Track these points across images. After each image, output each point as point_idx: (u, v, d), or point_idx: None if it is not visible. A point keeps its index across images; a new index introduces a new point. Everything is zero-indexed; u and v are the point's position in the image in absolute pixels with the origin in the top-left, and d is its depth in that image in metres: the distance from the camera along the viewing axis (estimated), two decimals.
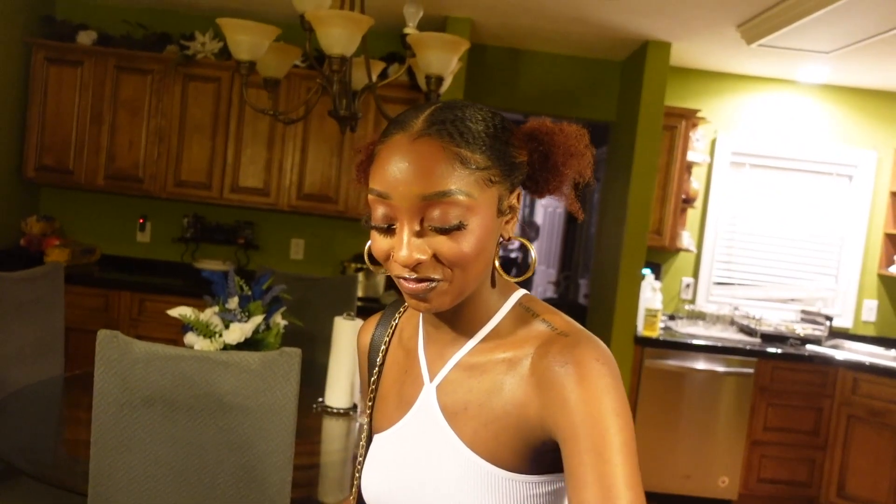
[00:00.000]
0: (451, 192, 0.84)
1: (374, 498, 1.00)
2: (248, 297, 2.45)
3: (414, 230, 0.86)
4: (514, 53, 4.78)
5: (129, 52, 4.39)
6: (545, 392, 0.85)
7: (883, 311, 4.92)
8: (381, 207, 0.88)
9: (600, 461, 0.79)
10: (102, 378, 1.67)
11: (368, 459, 1.03)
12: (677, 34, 4.06)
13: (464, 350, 0.95)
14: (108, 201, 4.75)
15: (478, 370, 0.93)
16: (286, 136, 4.44)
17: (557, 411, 0.83)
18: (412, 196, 0.85)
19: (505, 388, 0.90)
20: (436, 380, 0.96)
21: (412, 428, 0.97)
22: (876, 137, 4.84)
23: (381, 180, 0.87)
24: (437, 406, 0.94)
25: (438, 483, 0.92)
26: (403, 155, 0.86)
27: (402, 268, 0.87)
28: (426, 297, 0.88)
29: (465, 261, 0.86)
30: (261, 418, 1.71)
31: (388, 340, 1.06)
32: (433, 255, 0.86)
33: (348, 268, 4.43)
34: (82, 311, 4.05)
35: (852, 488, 4.21)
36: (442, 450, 0.93)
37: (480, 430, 0.90)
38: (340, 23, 2.16)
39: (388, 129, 0.90)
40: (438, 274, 0.87)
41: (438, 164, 0.84)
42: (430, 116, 0.88)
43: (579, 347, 0.85)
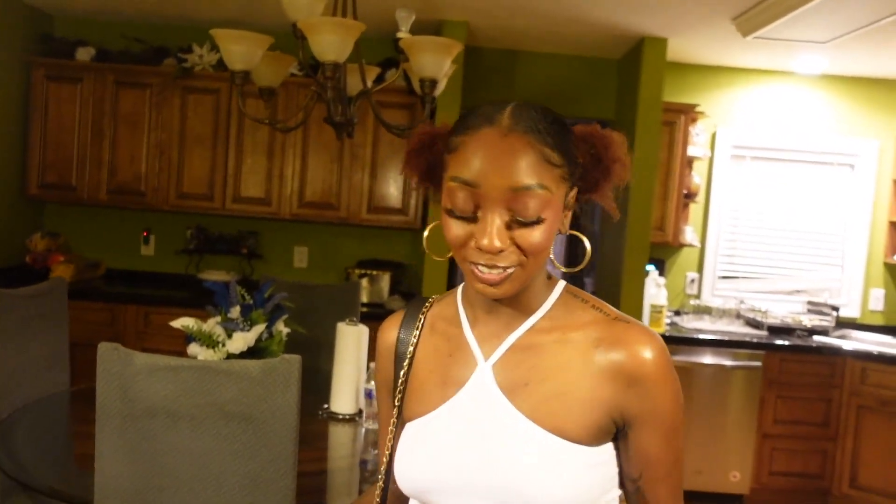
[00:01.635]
0: (537, 186, 0.92)
1: (418, 482, 1.02)
2: (249, 306, 2.46)
3: (502, 220, 0.92)
4: (510, 55, 4.78)
5: (128, 66, 4.42)
6: (628, 382, 0.96)
7: (890, 300, 4.90)
8: (466, 196, 0.93)
9: (673, 441, 0.98)
10: (104, 391, 1.68)
11: (405, 447, 1.05)
12: (673, 29, 4.06)
13: (520, 331, 1.01)
14: (111, 216, 4.77)
15: (536, 350, 1.00)
16: (286, 145, 4.45)
17: (644, 402, 0.96)
18: (502, 187, 0.91)
19: (571, 368, 0.98)
20: (491, 359, 1.01)
21: (464, 406, 1.01)
22: (877, 126, 4.83)
23: (470, 170, 0.92)
24: (495, 383, 1.00)
25: (498, 456, 0.97)
26: (495, 148, 0.92)
27: (480, 254, 0.94)
28: (499, 284, 0.94)
29: (539, 250, 0.94)
30: (263, 426, 1.71)
31: (417, 334, 1.10)
32: (512, 244, 0.93)
33: (352, 274, 4.44)
34: (88, 326, 4.07)
35: (865, 479, 4.19)
36: (500, 423, 0.98)
37: (542, 404, 0.97)
38: (332, 29, 2.16)
39: (472, 122, 0.96)
40: (514, 262, 0.94)
41: (527, 158, 0.92)
42: (514, 114, 0.94)
43: (649, 340, 0.97)
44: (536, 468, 0.95)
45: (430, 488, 1.01)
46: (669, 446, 0.98)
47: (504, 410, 0.99)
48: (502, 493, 0.96)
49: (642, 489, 1.00)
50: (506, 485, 0.96)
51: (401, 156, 4.41)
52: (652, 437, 0.97)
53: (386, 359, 1.13)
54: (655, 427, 0.97)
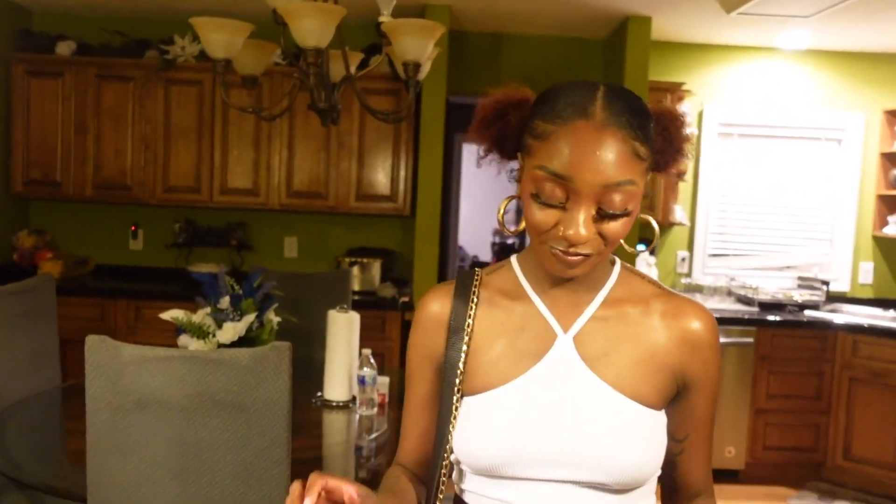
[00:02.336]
0: (627, 183, 0.93)
1: (495, 455, 1.01)
2: (239, 296, 2.45)
3: (590, 213, 0.94)
4: (495, 37, 4.76)
5: (110, 59, 4.38)
6: (692, 349, 1.05)
7: (879, 273, 4.92)
8: (556, 187, 0.94)
9: (714, 406, 1.10)
10: (94, 383, 1.67)
11: (474, 421, 1.03)
12: (657, 8, 4.04)
13: (595, 304, 1.06)
14: (98, 211, 4.74)
15: (609, 321, 1.05)
16: (272, 135, 4.43)
17: (701, 367, 1.06)
18: (594, 183, 0.92)
19: (643, 337, 1.05)
20: (571, 331, 1.04)
21: (545, 378, 1.03)
22: (862, 100, 4.83)
23: (563, 164, 0.93)
24: (577, 354, 1.03)
25: (585, 424, 1.00)
26: (589, 143, 0.92)
27: (562, 241, 0.96)
28: (577, 266, 0.98)
29: (620, 239, 0.98)
30: (255, 414, 1.71)
31: (474, 307, 1.08)
32: (596, 233, 0.95)
33: (342, 262, 4.43)
34: (78, 322, 4.05)
35: (858, 450, 4.22)
36: (585, 393, 1.02)
37: (622, 372, 1.03)
38: (312, 14, 2.14)
39: (562, 111, 0.94)
40: (595, 250, 0.97)
41: (620, 155, 0.92)
42: (606, 105, 0.94)
43: (706, 313, 1.07)
44: (623, 434, 1.00)
45: (506, 461, 1.01)
46: (712, 409, 1.10)
47: (588, 380, 1.02)
48: (590, 460, 0.99)
49: (687, 450, 1.10)
50: (594, 452, 0.99)
51: (388, 142, 4.42)
52: (703, 398, 1.08)
53: (435, 332, 1.10)
54: (707, 390, 1.07)
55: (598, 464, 0.99)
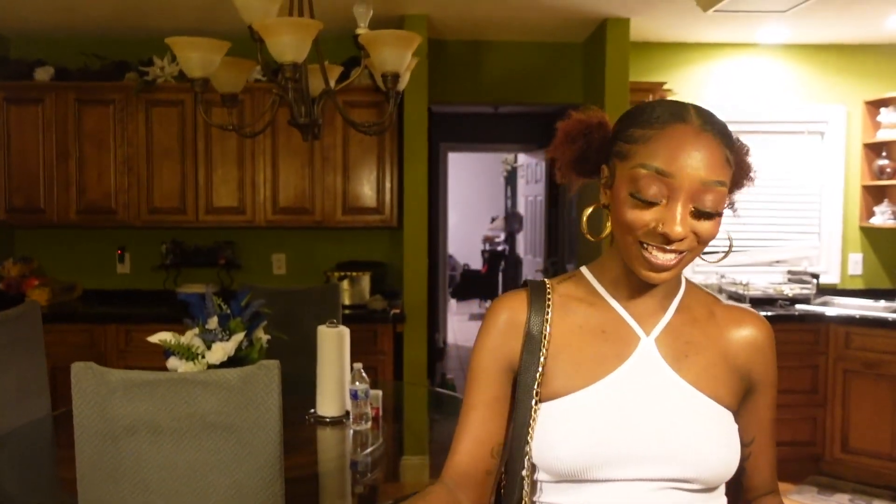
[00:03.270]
0: (722, 183, 1.00)
1: (580, 458, 1.03)
2: (227, 316, 2.43)
3: (687, 210, 0.99)
4: (474, 45, 4.77)
5: (89, 83, 4.36)
6: (757, 353, 1.13)
7: (868, 264, 4.94)
8: (657, 185, 0.99)
9: (774, 413, 1.18)
10: (81, 411, 1.64)
11: (556, 426, 1.05)
12: (634, 9, 4.06)
13: (672, 309, 1.12)
14: (83, 236, 4.71)
15: (688, 325, 1.11)
16: (256, 152, 4.41)
17: (764, 369, 1.14)
18: (695, 179, 0.98)
19: (716, 340, 1.12)
20: (653, 334, 1.10)
21: (628, 379, 1.07)
22: (843, 92, 4.86)
23: (665, 160, 0.99)
24: (660, 356, 1.08)
25: (671, 424, 1.04)
26: (691, 142, 0.99)
27: (661, 238, 1.00)
28: (668, 269, 1.02)
29: (710, 240, 1.03)
30: (246, 434, 1.68)
31: (549, 314, 1.11)
32: (691, 232, 1.00)
33: (332, 277, 4.41)
34: (68, 349, 4.01)
35: (856, 442, 4.22)
36: (670, 393, 1.06)
37: (702, 373, 1.08)
38: (288, 30, 2.13)
39: (658, 117, 1.02)
40: (688, 248, 1.01)
41: (717, 156, 1.00)
42: (699, 114, 1.03)
43: (766, 321, 1.17)
44: (707, 433, 1.05)
45: (592, 464, 1.03)
46: (774, 412, 1.17)
47: (672, 381, 1.07)
48: (677, 459, 1.03)
49: (754, 453, 1.16)
50: (681, 450, 1.03)
51: (373, 154, 4.41)
52: (766, 401, 1.16)
53: (512, 337, 1.11)
54: (769, 392, 1.16)
55: (686, 459, 1.03)
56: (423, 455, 2.54)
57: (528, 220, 8.83)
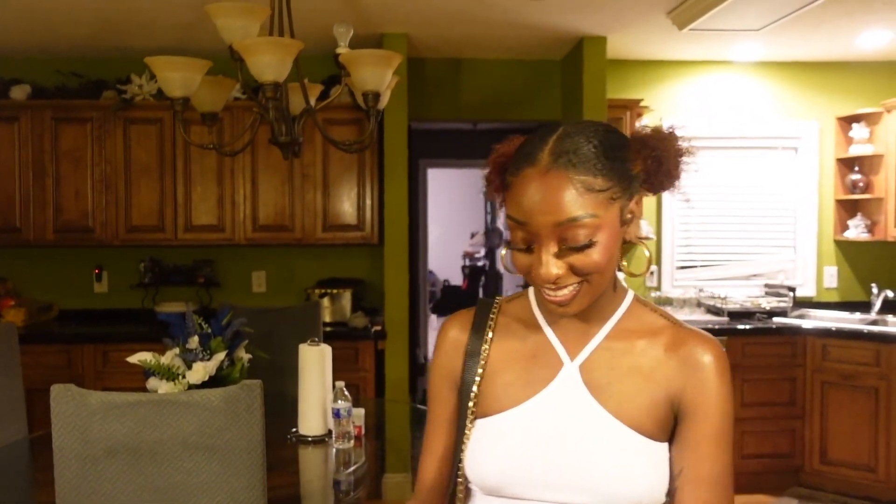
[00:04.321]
0: (580, 217, 0.97)
1: (498, 476, 1.05)
2: (208, 335, 2.41)
3: (551, 251, 0.99)
4: (453, 63, 4.80)
5: (66, 101, 4.34)
6: (689, 375, 1.04)
7: (843, 277, 5.01)
8: (520, 232, 1.01)
9: (718, 447, 1.03)
10: (60, 434, 1.62)
11: (483, 442, 1.07)
12: (611, 27, 4.11)
13: (601, 334, 1.09)
14: (60, 255, 4.66)
15: (618, 351, 1.08)
16: (235, 170, 4.40)
17: (697, 393, 1.04)
18: (547, 224, 0.98)
19: (647, 368, 1.06)
20: (577, 360, 1.08)
21: (550, 404, 1.07)
22: (816, 108, 4.94)
23: (518, 210, 1.00)
24: (581, 382, 1.07)
25: (585, 451, 1.03)
26: (536, 188, 0.98)
27: (543, 282, 1.01)
28: (569, 303, 1.01)
29: (598, 269, 1.00)
30: (229, 455, 1.67)
31: (491, 334, 1.14)
32: (569, 268, 0.99)
33: (312, 294, 4.39)
34: (45, 370, 3.96)
35: (834, 453, 4.26)
36: (587, 420, 1.04)
37: (625, 402, 1.04)
38: (269, 49, 2.14)
39: (518, 163, 1.01)
40: (576, 282, 1.00)
41: (567, 193, 0.97)
42: (553, 148, 0.99)
43: (712, 343, 1.06)
44: (621, 462, 1.01)
45: (511, 482, 1.05)
46: (712, 451, 1.02)
47: (591, 408, 1.05)
48: (589, 486, 1.02)
49: (681, 489, 1.02)
50: (593, 478, 1.01)
51: (353, 171, 4.41)
52: (697, 433, 1.03)
53: (454, 355, 1.15)
54: (703, 423, 1.03)
55: (595, 490, 1.02)
56: (405, 472, 2.53)
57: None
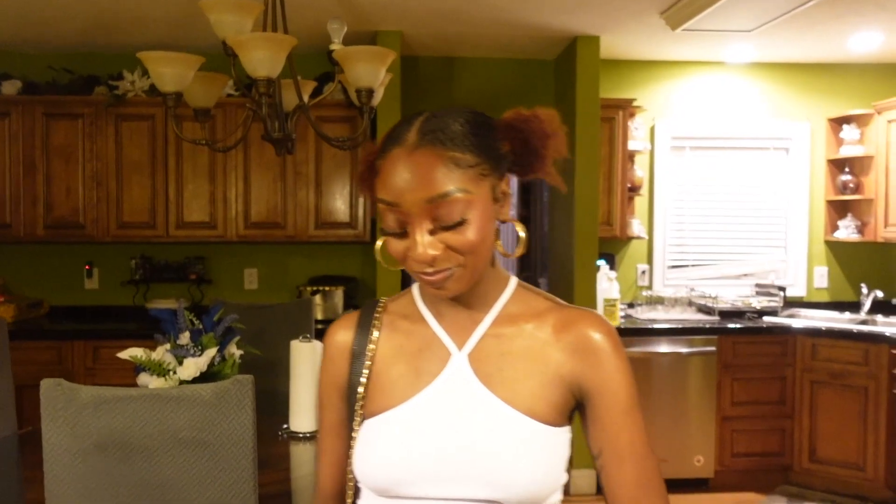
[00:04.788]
0: (451, 192, 0.96)
1: (390, 473, 1.02)
2: (199, 331, 2.41)
3: (425, 230, 0.98)
4: (447, 61, 4.80)
5: (57, 97, 4.31)
6: (585, 356, 1.04)
7: (833, 277, 5.04)
8: (392, 215, 0.99)
9: (631, 418, 1.03)
10: (50, 428, 1.62)
11: (371, 441, 1.05)
12: (604, 27, 4.12)
13: (487, 321, 1.07)
14: (50, 252, 4.64)
15: (506, 337, 1.07)
16: (227, 167, 4.39)
17: (597, 373, 1.03)
18: (418, 201, 0.97)
19: (537, 351, 1.05)
20: (465, 349, 1.06)
21: (440, 396, 1.05)
22: (807, 109, 4.97)
23: (388, 191, 0.99)
24: (471, 371, 1.05)
25: (479, 441, 1.01)
26: (404, 166, 0.97)
27: (418, 264, 0.99)
28: (445, 285, 1.00)
29: (473, 248, 0.99)
30: (219, 450, 1.67)
31: (377, 333, 1.12)
32: (445, 248, 0.98)
33: (304, 292, 4.39)
34: (34, 367, 3.94)
35: (823, 451, 4.29)
36: (480, 409, 1.03)
37: (517, 388, 1.03)
38: (262, 45, 2.14)
39: (385, 145, 1.01)
40: (453, 263, 0.99)
41: (436, 169, 0.96)
42: (421, 128, 0.99)
43: (599, 319, 1.06)
44: (516, 451, 1.00)
45: (404, 479, 1.02)
46: (627, 423, 1.03)
47: (482, 397, 1.04)
48: (485, 477, 1.00)
49: (606, 467, 1.04)
50: (487, 468, 1.00)
51: (346, 169, 4.41)
52: (608, 410, 1.03)
53: (340, 360, 1.13)
54: (611, 400, 1.03)
55: (490, 480, 0.99)
56: None
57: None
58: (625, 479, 1.03)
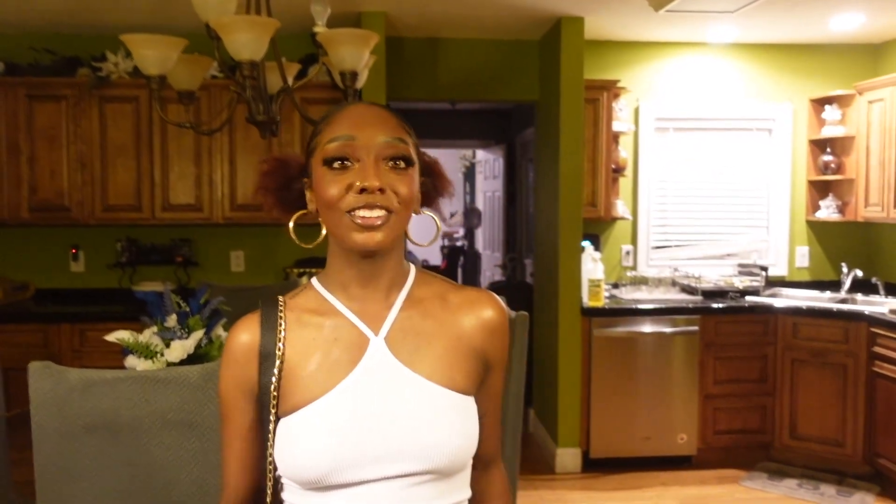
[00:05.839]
0: (405, 141, 1.08)
1: (323, 465, 1.03)
2: (186, 314, 2.42)
3: (379, 165, 1.05)
4: (431, 42, 4.79)
5: (40, 79, 4.28)
6: (489, 332, 1.15)
7: (815, 256, 5.10)
8: (346, 149, 1.05)
9: (503, 386, 1.22)
10: (39, 411, 1.64)
11: (295, 437, 1.05)
12: (588, 8, 4.12)
13: (398, 303, 1.12)
14: (36, 234, 4.63)
15: (417, 317, 1.12)
16: (213, 150, 4.38)
17: (496, 347, 1.16)
18: (376, 136, 1.05)
19: (448, 327, 1.13)
20: (381, 332, 1.10)
21: (362, 382, 1.07)
22: (790, 90, 5.00)
23: (345, 127, 1.06)
24: (390, 353, 1.09)
25: (404, 418, 1.05)
26: (365, 110, 1.09)
27: (359, 198, 1.03)
28: (379, 227, 1.04)
29: (410, 199, 1.07)
30: (207, 431, 1.70)
31: (283, 331, 1.10)
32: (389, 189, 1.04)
33: (291, 273, 4.40)
34: (20, 350, 3.93)
35: (803, 428, 4.37)
36: (404, 389, 1.07)
37: (436, 362, 1.09)
38: (246, 28, 2.14)
39: (335, 110, 1.11)
40: (391, 205, 1.04)
41: (393, 121, 1.09)
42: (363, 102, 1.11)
43: (494, 298, 1.18)
44: (442, 422, 1.06)
45: (337, 467, 1.03)
46: (503, 387, 1.23)
47: (405, 377, 1.08)
48: (414, 454, 1.04)
49: (485, 426, 1.15)
50: (417, 442, 1.05)
51: None
52: (498, 377, 1.19)
53: (246, 362, 1.10)
54: (501, 369, 1.19)
55: (421, 453, 1.05)
56: None
57: (486, 216, 8.89)
58: (495, 433, 1.21)
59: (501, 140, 7.71)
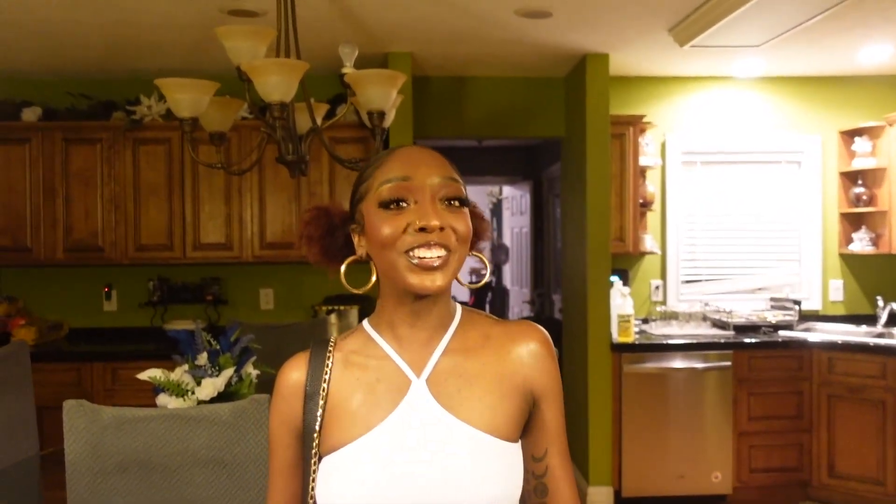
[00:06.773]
0: (458, 181, 1.08)
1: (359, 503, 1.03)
2: (216, 352, 2.44)
3: (436, 203, 1.04)
4: (458, 81, 4.85)
5: (76, 123, 4.40)
6: (534, 365, 1.11)
7: (849, 290, 5.02)
8: (401, 191, 1.04)
9: (562, 418, 1.14)
10: (73, 448, 1.65)
11: (337, 476, 1.05)
12: (613, 45, 4.15)
13: (443, 344, 1.10)
14: (70, 274, 4.71)
15: (461, 357, 1.10)
16: (243, 189, 4.45)
17: (545, 380, 1.12)
18: (431, 176, 1.05)
19: (490, 367, 1.10)
20: (423, 374, 1.09)
21: (402, 424, 1.06)
22: (818, 122, 4.97)
23: (399, 168, 1.06)
24: (431, 396, 1.07)
25: (444, 464, 1.03)
26: (418, 151, 1.09)
27: (418, 237, 1.02)
28: (437, 268, 1.03)
29: (467, 237, 1.06)
30: (238, 469, 1.70)
31: (329, 371, 1.12)
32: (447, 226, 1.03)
33: (319, 311, 4.43)
34: (54, 388, 3.98)
35: (842, 467, 4.25)
36: (443, 433, 1.05)
37: (476, 406, 1.07)
38: (276, 70, 2.19)
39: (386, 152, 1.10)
40: (450, 243, 1.03)
41: (446, 161, 1.09)
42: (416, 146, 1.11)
43: (539, 329, 1.14)
44: (482, 470, 1.04)
45: None
46: (562, 417, 1.15)
47: (445, 421, 1.06)
48: (452, 498, 1.03)
49: (550, 466, 1.12)
50: (455, 490, 1.03)
51: None
52: (553, 409, 1.13)
53: (293, 400, 1.12)
54: (554, 399, 1.13)
55: (458, 501, 1.03)
56: None
57: (514, 252, 8.89)
58: (567, 475, 1.13)
59: (528, 176, 7.74)
